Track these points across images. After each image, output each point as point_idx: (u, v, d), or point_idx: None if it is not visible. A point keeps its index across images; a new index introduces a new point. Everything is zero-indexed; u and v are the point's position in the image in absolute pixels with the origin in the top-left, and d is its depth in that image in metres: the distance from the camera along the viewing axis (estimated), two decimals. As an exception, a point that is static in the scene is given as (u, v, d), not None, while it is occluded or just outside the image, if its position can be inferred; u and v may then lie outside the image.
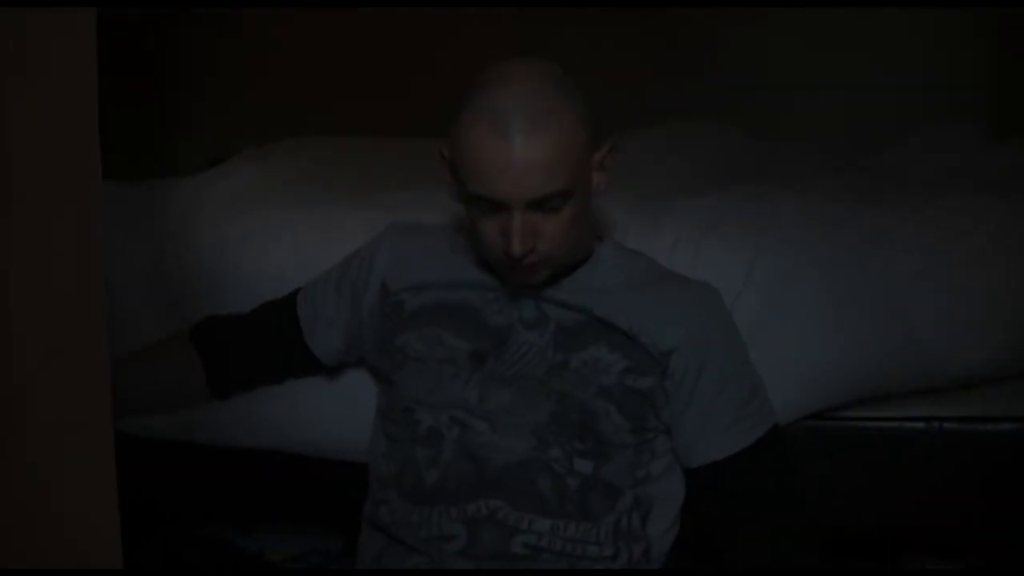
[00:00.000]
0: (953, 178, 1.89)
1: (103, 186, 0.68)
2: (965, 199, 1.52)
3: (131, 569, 0.74)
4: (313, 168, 1.85)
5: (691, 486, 1.25)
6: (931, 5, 2.61)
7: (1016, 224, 1.47)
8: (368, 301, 1.32)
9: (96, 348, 0.67)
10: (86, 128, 0.66)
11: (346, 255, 1.39)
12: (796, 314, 1.42)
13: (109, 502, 0.67)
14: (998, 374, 1.45)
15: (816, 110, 2.66)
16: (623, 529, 1.18)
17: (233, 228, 1.57)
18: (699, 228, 1.48)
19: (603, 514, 1.17)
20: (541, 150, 1.13)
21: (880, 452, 1.47)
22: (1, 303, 0.62)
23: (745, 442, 1.23)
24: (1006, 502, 1.46)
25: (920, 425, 1.45)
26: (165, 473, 1.62)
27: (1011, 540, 1.52)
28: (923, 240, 1.46)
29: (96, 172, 0.67)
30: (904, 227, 1.48)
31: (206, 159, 2.11)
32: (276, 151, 1.97)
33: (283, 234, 1.56)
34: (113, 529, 0.68)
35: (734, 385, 1.24)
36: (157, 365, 1.38)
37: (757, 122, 2.41)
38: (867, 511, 1.49)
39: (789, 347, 1.41)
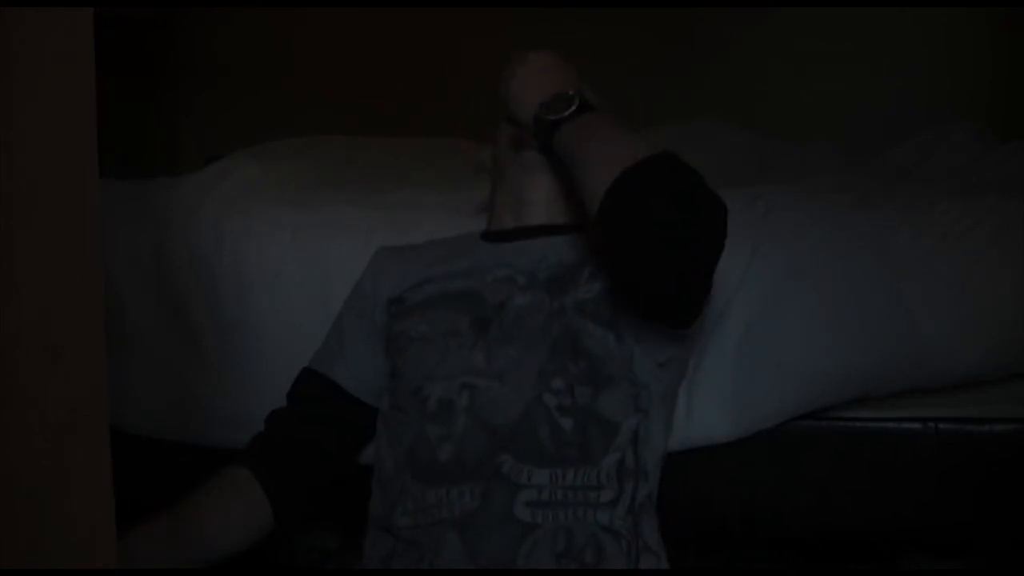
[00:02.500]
0: (953, 178, 1.90)
1: (102, 185, 0.68)
2: (965, 199, 1.52)
3: (129, 569, 0.74)
4: (313, 167, 1.85)
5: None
6: (932, 5, 2.62)
7: (1016, 224, 1.47)
8: (380, 321, 1.35)
9: (96, 348, 0.67)
10: (84, 127, 0.66)
11: (345, 301, 1.42)
12: (795, 313, 1.42)
13: (106, 502, 0.67)
14: (998, 374, 1.46)
15: (817, 110, 2.67)
16: (627, 468, 1.18)
17: (233, 226, 1.57)
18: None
19: (602, 453, 1.17)
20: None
21: (878, 453, 1.47)
22: (1, 303, 0.62)
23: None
24: (1004, 503, 1.46)
25: (918, 426, 1.46)
26: (165, 473, 1.62)
27: (1009, 541, 1.52)
28: (923, 240, 1.46)
29: (94, 171, 0.67)
30: (905, 227, 1.48)
31: (206, 158, 2.11)
32: (276, 150, 1.97)
33: (283, 232, 1.56)
34: (110, 529, 0.68)
35: None
36: (226, 509, 1.31)
37: (757, 122, 2.41)
38: (865, 511, 1.49)
39: (788, 346, 1.41)
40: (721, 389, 1.40)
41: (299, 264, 1.53)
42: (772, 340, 1.41)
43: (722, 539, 1.56)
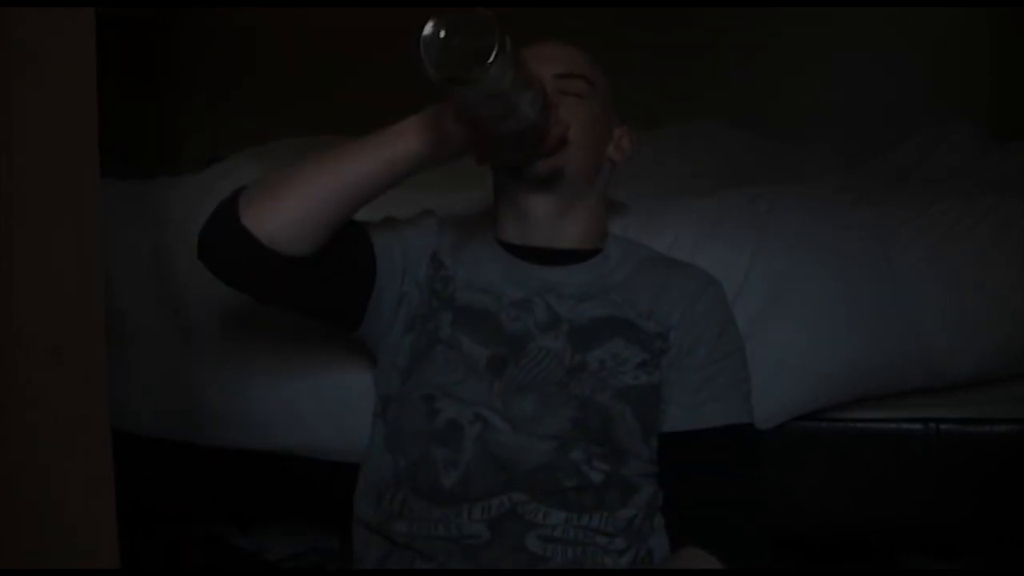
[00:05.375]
0: (954, 178, 1.90)
1: (103, 185, 0.68)
2: (966, 199, 1.52)
3: (130, 569, 0.74)
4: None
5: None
6: (933, 5, 2.62)
7: (1017, 224, 1.46)
8: (415, 257, 1.30)
9: (96, 348, 0.67)
10: (85, 127, 0.66)
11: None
12: (795, 314, 1.42)
13: (106, 502, 0.67)
14: (999, 374, 1.45)
15: (818, 111, 2.66)
16: (635, 527, 1.18)
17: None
18: (699, 228, 1.48)
19: (620, 506, 1.18)
20: (571, 47, 1.32)
21: (878, 453, 1.47)
22: (1, 303, 0.62)
23: (714, 422, 1.22)
24: (1004, 504, 1.46)
25: (918, 427, 1.46)
26: (165, 473, 1.62)
27: (1008, 541, 1.52)
28: (924, 240, 1.46)
29: (95, 171, 0.67)
30: (905, 227, 1.48)
31: (206, 158, 2.11)
32: (276, 150, 1.97)
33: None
34: (110, 529, 0.68)
35: (719, 368, 1.24)
36: None
37: (758, 123, 2.41)
38: (865, 512, 1.49)
39: (788, 347, 1.41)
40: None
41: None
42: (773, 340, 1.41)
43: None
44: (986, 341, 1.42)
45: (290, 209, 1.14)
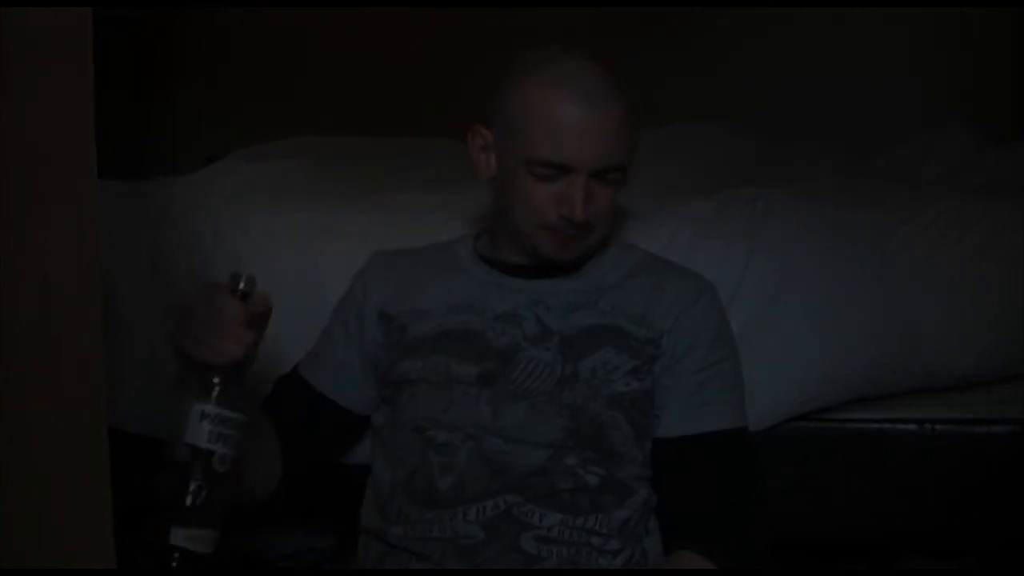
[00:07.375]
0: (951, 179, 1.90)
1: (101, 185, 0.68)
2: (963, 201, 1.52)
3: (127, 569, 0.74)
4: (312, 167, 1.85)
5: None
6: (933, 5, 2.62)
7: (1013, 225, 1.47)
8: (370, 332, 1.31)
9: (94, 348, 0.67)
10: (82, 126, 0.66)
11: (334, 306, 1.38)
12: (792, 314, 1.42)
13: (103, 502, 0.67)
14: (995, 375, 1.46)
15: (816, 111, 2.66)
16: (630, 528, 1.19)
17: (230, 226, 1.57)
18: (696, 227, 1.49)
19: (613, 509, 1.18)
20: (616, 120, 1.19)
21: (874, 454, 1.47)
22: (0, 301, 0.62)
23: (708, 427, 1.22)
24: (999, 504, 1.46)
25: (914, 427, 1.46)
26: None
27: (1004, 541, 1.52)
28: (921, 241, 1.47)
29: (92, 170, 0.67)
30: (902, 228, 1.48)
31: (205, 158, 2.11)
32: (274, 150, 1.97)
33: (280, 232, 1.56)
34: (107, 529, 0.68)
35: (714, 373, 1.24)
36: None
37: (757, 122, 2.41)
38: (862, 512, 1.49)
39: (785, 347, 1.42)
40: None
41: (295, 265, 1.53)
42: (770, 340, 1.41)
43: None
44: (982, 342, 1.43)
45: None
